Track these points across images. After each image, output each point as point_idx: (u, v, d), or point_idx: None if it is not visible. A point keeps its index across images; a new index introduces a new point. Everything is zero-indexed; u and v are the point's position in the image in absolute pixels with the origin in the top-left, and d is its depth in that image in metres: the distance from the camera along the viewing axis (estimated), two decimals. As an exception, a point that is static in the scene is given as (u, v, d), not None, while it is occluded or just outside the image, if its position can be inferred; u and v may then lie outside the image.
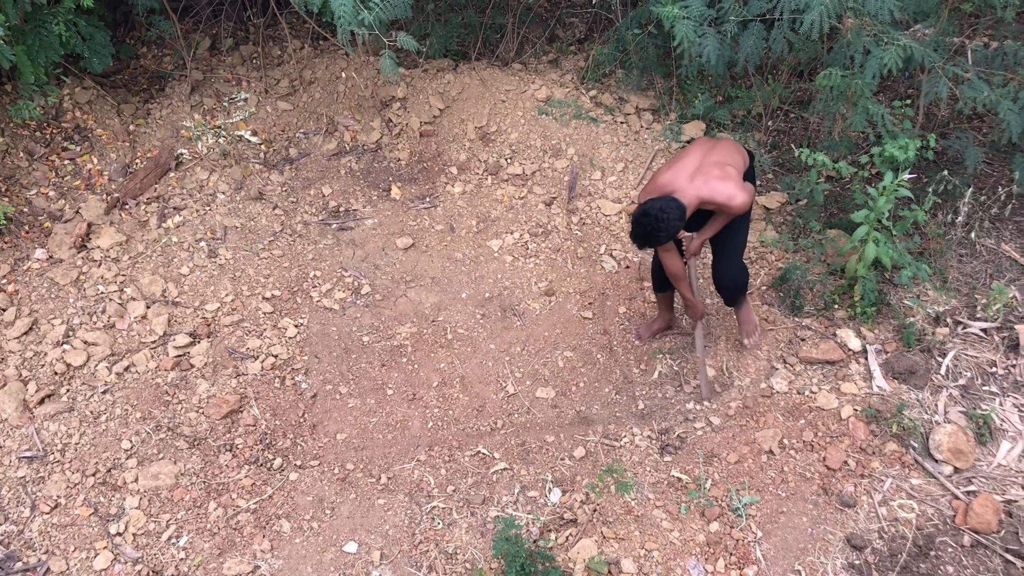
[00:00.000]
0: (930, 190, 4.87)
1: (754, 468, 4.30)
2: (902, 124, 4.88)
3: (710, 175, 4.05)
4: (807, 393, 4.60)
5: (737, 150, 4.25)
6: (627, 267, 5.26)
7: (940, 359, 4.68)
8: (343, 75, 6.27)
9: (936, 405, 4.49)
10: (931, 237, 5.12)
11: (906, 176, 4.56)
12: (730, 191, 4.02)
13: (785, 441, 4.40)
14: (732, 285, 4.52)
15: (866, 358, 4.73)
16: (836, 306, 4.95)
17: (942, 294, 4.92)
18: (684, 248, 4.37)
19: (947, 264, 5.07)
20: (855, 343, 4.77)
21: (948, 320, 4.84)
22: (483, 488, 4.30)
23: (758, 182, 5.41)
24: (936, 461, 4.27)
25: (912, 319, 4.83)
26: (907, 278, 4.70)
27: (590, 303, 5.09)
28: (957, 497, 4.12)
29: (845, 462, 4.29)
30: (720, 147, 4.23)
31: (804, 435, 4.41)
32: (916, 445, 4.33)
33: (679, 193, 4.02)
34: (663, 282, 4.63)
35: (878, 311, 4.89)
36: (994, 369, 4.63)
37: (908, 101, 4.94)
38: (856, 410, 4.47)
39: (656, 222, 3.94)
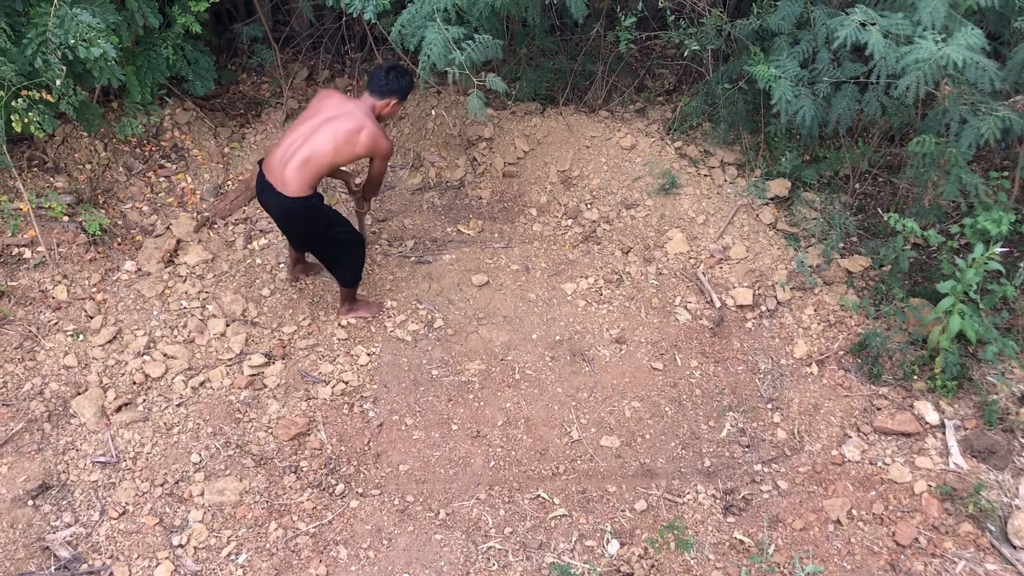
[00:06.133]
0: (1022, 265, 4.72)
1: (820, 537, 4.19)
2: (996, 196, 4.76)
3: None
4: (880, 464, 4.47)
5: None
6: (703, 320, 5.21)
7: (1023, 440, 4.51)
8: (432, 112, 6.39)
9: (1017, 488, 4.31)
10: (1020, 313, 4.95)
11: (998, 249, 4.44)
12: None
13: (854, 512, 4.28)
14: None
15: (943, 433, 4.58)
16: (915, 377, 4.82)
17: (1029, 373, 4.75)
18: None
19: (1036, 342, 4.90)
20: (933, 416, 4.63)
21: (1034, 401, 4.67)
22: (540, 533, 4.26)
23: (836, 252, 5.38)
24: (1014, 547, 4.09)
25: (995, 396, 4.67)
26: (992, 354, 4.55)
27: (661, 354, 5.05)
28: (1034, 587, 3.95)
29: (916, 539, 4.14)
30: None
31: (874, 507, 4.28)
32: (993, 528, 4.17)
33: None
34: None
35: (959, 385, 4.74)
36: (1081, 456, 4.44)
37: (1004, 172, 4.82)
38: (930, 486, 4.33)
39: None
